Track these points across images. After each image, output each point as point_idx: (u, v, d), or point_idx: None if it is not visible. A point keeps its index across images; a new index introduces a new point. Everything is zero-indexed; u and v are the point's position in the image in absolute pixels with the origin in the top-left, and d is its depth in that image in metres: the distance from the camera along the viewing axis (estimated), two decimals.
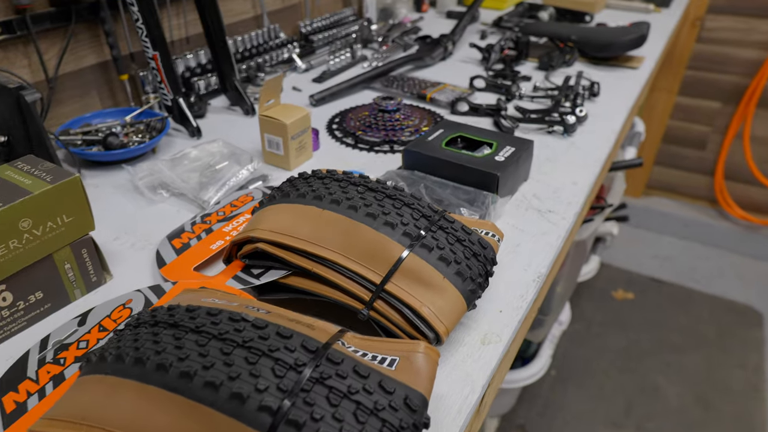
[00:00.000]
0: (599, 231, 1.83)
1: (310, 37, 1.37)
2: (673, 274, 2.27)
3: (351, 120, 1.00)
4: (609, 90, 1.14)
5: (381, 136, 0.94)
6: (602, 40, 1.23)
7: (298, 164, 0.87)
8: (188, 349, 0.38)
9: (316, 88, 1.16)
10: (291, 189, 0.59)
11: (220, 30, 0.98)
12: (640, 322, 2.04)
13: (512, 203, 0.77)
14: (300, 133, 0.84)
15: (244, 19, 1.25)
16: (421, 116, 1.00)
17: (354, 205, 0.54)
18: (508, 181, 0.75)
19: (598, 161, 0.88)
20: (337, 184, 0.58)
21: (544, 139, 0.95)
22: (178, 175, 0.78)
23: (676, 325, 2.03)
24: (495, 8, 1.77)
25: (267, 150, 0.86)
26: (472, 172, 0.73)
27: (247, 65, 1.19)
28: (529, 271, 0.64)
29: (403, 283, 0.51)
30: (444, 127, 0.85)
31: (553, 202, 0.77)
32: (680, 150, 2.39)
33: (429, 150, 0.77)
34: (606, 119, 1.02)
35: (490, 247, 0.56)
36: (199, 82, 1.09)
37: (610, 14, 1.70)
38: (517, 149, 0.78)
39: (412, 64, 1.24)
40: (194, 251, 0.65)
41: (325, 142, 0.95)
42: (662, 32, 1.51)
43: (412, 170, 0.79)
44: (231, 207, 0.73)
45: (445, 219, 0.56)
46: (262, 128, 0.85)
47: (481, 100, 1.10)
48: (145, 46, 0.89)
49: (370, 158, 0.90)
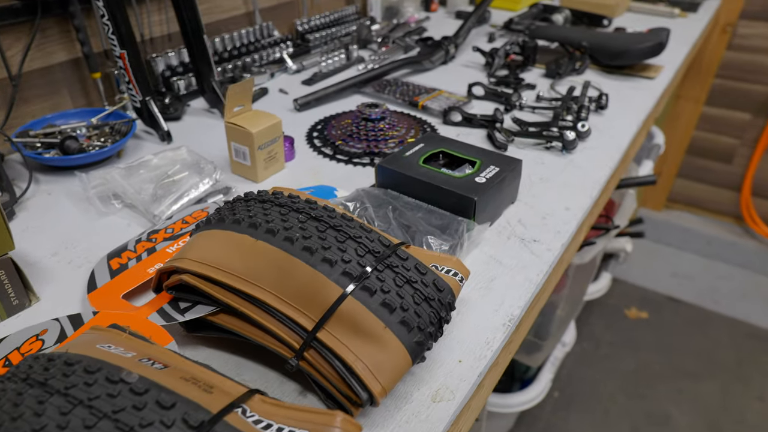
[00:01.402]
0: (611, 247, 1.73)
1: (306, 36, 1.31)
2: (692, 294, 2.15)
3: (333, 128, 0.93)
4: (620, 102, 1.05)
5: (362, 147, 0.87)
6: (615, 47, 1.14)
7: (267, 176, 0.80)
8: (48, 417, 0.32)
9: (304, 91, 1.09)
10: (228, 213, 0.52)
11: (196, 27, 0.92)
12: (653, 344, 1.93)
13: (494, 229, 0.69)
14: (269, 142, 0.78)
15: (235, 16, 1.19)
16: (408, 126, 0.93)
17: (291, 236, 0.47)
18: (488, 206, 0.67)
19: (597, 184, 0.79)
20: (278, 210, 0.51)
21: (540, 155, 0.87)
22: (132, 185, 0.73)
23: (692, 350, 1.91)
24: (508, 9, 1.68)
25: (234, 160, 0.80)
26: (447, 194, 0.66)
27: (233, 65, 1.13)
28: (500, 312, 0.57)
29: (338, 332, 0.44)
30: (425, 141, 0.77)
31: (539, 230, 0.69)
32: (705, 163, 2.26)
33: (404, 167, 0.70)
34: (612, 135, 0.93)
35: (448, 290, 0.49)
36: (180, 81, 1.03)
37: (632, 18, 1.59)
38: (501, 169, 0.70)
39: (410, 68, 1.17)
40: (129, 275, 0.59)
41: (302, 152, 0.88)
42: (686, 39, 1.41)
43: (386, 188, 0.71)
44: (182, 224, 0.67)
45: (396, 255, 0.49)
46: (229, 136, 0.78)
47: (479, 110, 1.02)
48: (112, 44, 0.84)
49: (347, 171, 0.83)
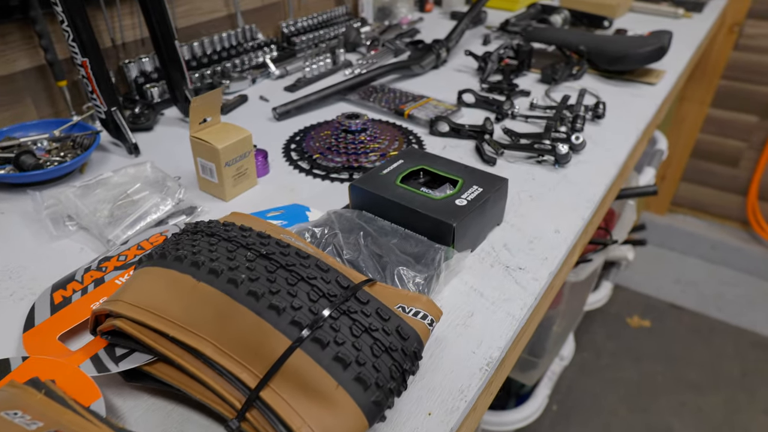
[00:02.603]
0: (612, 255, 1.67)
1: (292, 38, 1.25)
2: (696, 302, 2.09)
3: (312, 140, 0.87)
4: (618, 110, 0.99)
5: (341, 161, 0.81)
6: (614, 51, 1.07)
7: (236, 194, 0.75)
8: None
9: (286, 98, 1.04)
10: (171, 248, 0.47)
11: (167, 32, 0.87)
12: (656, 354, 1.87)
13: (476, 254, 0.64)
14: (239, 158, 0.73)
15: (216, 18, 1.13)
16: (391, 137, 0.87)
17: (235, 278, 0.42)
18: (468, 231, 0.61)
19: (590, 203, 0.74)
20: (226, 246, 0.45)
21: (531, 170, 0.81)
22: (86, 205, 0.67)
23: (696, 360, 1.85)
24: (506, 9, 1.62)
25: (201, 176, 0.75)
26: (424, 218, 0.60)
27: (212, 70, 1.08)
28: (477, 354, 0.51)
29: (284, 390, 0.39)
30: (406, 156, 0.72)
31: (525, 256, 0.64)
32: (710, 166, 2.20)
33: (379, 187, 0.65)
34: (609, 147, 0.87)
35: (414, 337, 0.43)
36: (153, 89, 0.98)
37: (634, 19, 1.53)
38: (485, 190, 0.64)
39: (398, 73, 1.11)
40: (71, 311, 0.54)
41: (277, 166, 0.83)
42: (690, 41, 1.34)
43: (360, 210, 0.66)
44: (137, 249, 0.62)
45: (355, 299, 0.43)
46: (194, 151, 0.73)
47: (469, 118, 0.97)
48: (73, 52, 0.79)
49: (324, 188, 0.77)
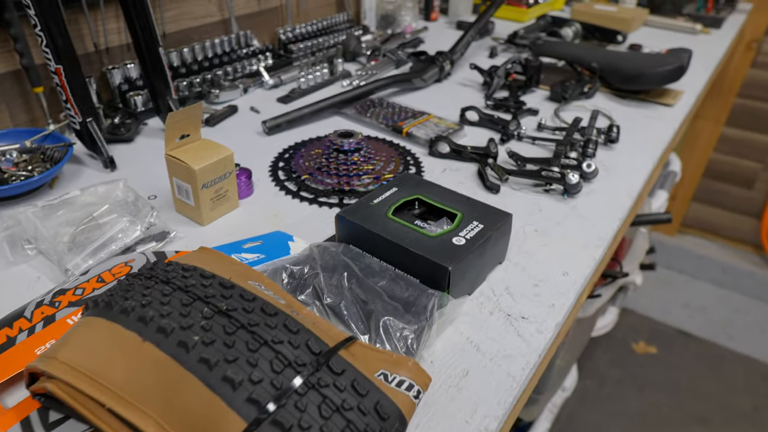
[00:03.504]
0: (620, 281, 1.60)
1: (289, 46, 1.19)
2: (705, 328, 2.01)
3: (301, 158, 0.81)
4: (633, 133, 0.92)
5: (331, 184, 0.75)
6: (630, 69, 1.01)
7: (215, 217, 0.69)
8: None
9: (279, 110, 0.98)
10: (119, 296, 0.40)
11: (150, 37, 0.81)
12: (661, 383, 1.80)
13: (475, 299, 0.57)
14: (218, 179, 0.66)
15: (209, 24, 1.08)
16: (387, 158, 0.81)
17: (186, 341, 0.36)
18: (467, 274, 0.55)
19: (602, 240, 0.67)
20: (181, 297, 0.39)
21: (537, 200, 0.74)
22: (48, 228, 0.61)
23: (704, 392, 1.78)
24: (515, 20, 1.56)
25: (177, 197, 0.69)
26: (417, 258, 0.54)
27: (202, 78, 1.02)
28: (472, 424, 0.45)
29: None
30: (400, 183, 0.65)
31: (529, 302, 0.57)
32: (723, 187, 2.12)
33: (368, 220, 0.58)
34: (623, 175, 0.81)
35: (396, 416, 0.37)
36: (137, 97, 0.92)
37: (649, 34, 1.46)
38: (486, 227, 0.57)
39: (398, 86, 1.05)
40: (13, 355, 0.47)
41: (262, 186, 0.76)
42: (708, 60, 1.27)
43: (347, 243, 0.59)
44: (97, 282, 0.55)
45: (328, 369, 0.37)
46: (170, 170, 0.67)
47: (472, 138, 0.90)
48: (47, 58, 0.73)
49: (312, 213, 0.71)
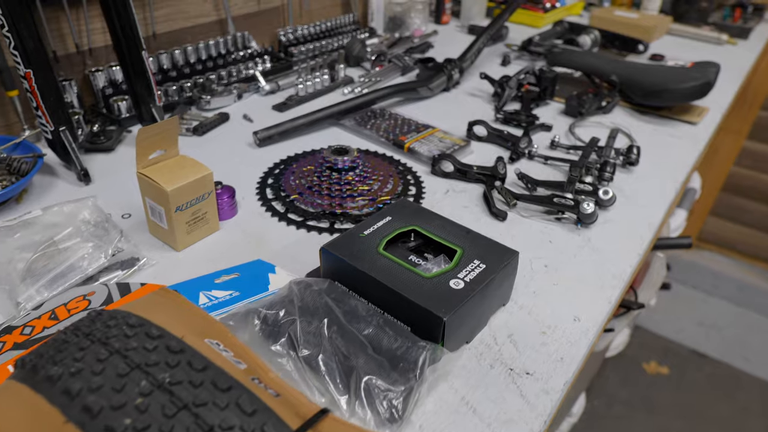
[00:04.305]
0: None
1: (290, 48, 1.13)
2: (720, 348, 1.93)
3: (292, 175, 0.75)
4: (654, 154, 0.85)
5: (322, 206, 0.69)
6: (652, 83, 0.93)
7: (191, 242, 0.62)
8: None
9: (275, 119, 0.92)
10: (49, 358, 0.34)
11: (132, 40, 0.75)
12: (673, 406, 1.72)
13: (473, 348, 0.51)
14: (195, 200, 0.60)
15: (203, 24, 1.01)
16: (385, 177, 0.74)
17: (113, 426, 0.30)
18: (464, 323, 0.48)
19: (619, 280, 0.60)
20: (118, 364, 0.33)
21: (548, 229, 0.68)
22: (2, 253, 0.56)
23: (717, 416, 1.70)
24: (530, 25, 1.48)
25: (150, 219, 0.63)
26: (408, 304, 0.47)
27: (194, 82, 0.95)
28: None
29: None
30: (395, 212, 0.59)
31: (536, 353, 0.50)
32: (743, 202, 2.04)
33: (356, 255, 0.52)
34: (643, 204, 0.74)
35: None
36: (121, 102, 0.86)
37: (672, 43, 1.38)
38: (488, 267, 0.51)
39: (402, 96, 0.98)
40: None
41: (248, 206, 0.70)
42: (735, 74, 1.20)
43: (332, 279, 0.53)
44: (49, 320, 0.50)
45: None
46: (142, 190, 0.61)
47: (479, 155, 0.84)
48: (16, 62, 0.67)
49: (298, 238, 0.65)
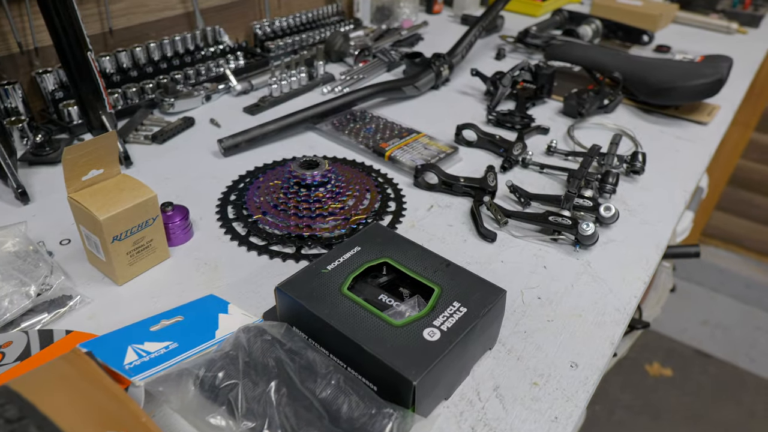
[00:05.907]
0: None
1: (266, 43, 1.04)
2: (725, 348, 1.86)
3: (257, 190, 0.67)
4: (661, 159, 0.77)
5: (288, 227, 0.61)
6: (659, 81, 0.85)
7: (135, 274, 0.55)
8: None
9: (245, 124, 0.84)
10: None
11: (75, 39, 0.66)
12: (677, 410, 1.66)
13: (452, 404, 0.43)
14: (137, 228, 0.53)
15: (168, 18, 0.93)
16: (361, 192, 0.66)
17: None
18: (440, 384, 0.41)
19: (623, 313, 0.52)
20: None
21: (542, 252, 0.60)
22: None
23: (723, 419, 1.63)
24: (527, 14, 1.39)
25: (87, 248, 0.55)
26: (373, 361, 0.40)
27: (156, 83, 0.87)
28: None
29: None
30: (364, 241, 0.51)
31: (525, 410, 0.43)
32: (750, 196, 1.96)
33: (315, 297, 0.44)
34: (649, 220, 0.66)
35: None
36: (71, 107, 0.78)
37: (678, 32, 1.29)
38: (470, 311, 0.43)
39: (386, 96, 0.90)
40: None
41: (206, 227, 0.63)
42: (747, 66, 1.11)
43: (290, 325, 0.46)
44: None
45: None
46: (76, 217, 0.53)
47: (467, 163, 0.76)
48: None
49: (259, 267, 0.57)
